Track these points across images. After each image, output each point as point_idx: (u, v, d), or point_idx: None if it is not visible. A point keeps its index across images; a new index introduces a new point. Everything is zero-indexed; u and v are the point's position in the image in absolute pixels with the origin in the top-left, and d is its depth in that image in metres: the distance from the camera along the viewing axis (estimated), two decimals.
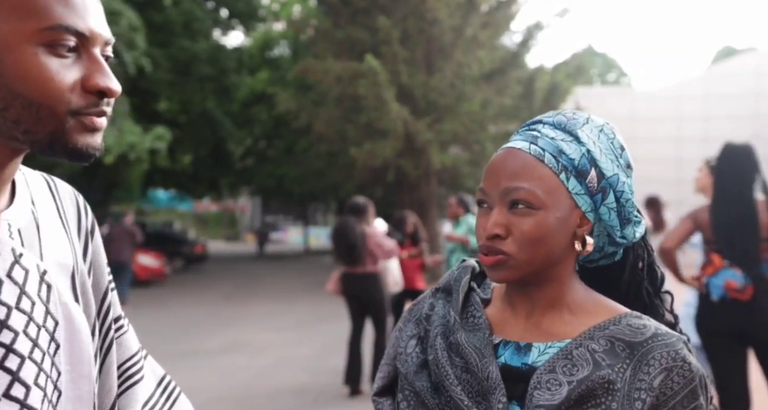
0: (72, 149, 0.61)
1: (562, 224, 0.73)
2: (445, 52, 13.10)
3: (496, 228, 0.73)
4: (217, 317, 9.08)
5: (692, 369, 0.71)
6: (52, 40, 0.59)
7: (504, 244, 0.73)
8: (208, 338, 7.39)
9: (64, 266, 0.69)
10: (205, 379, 5.37)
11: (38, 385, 0.62)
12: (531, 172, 0.73)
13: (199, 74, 15.64)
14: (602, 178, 0.75)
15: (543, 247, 0.73)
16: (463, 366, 0.75)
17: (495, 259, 0.73)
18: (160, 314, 9.37)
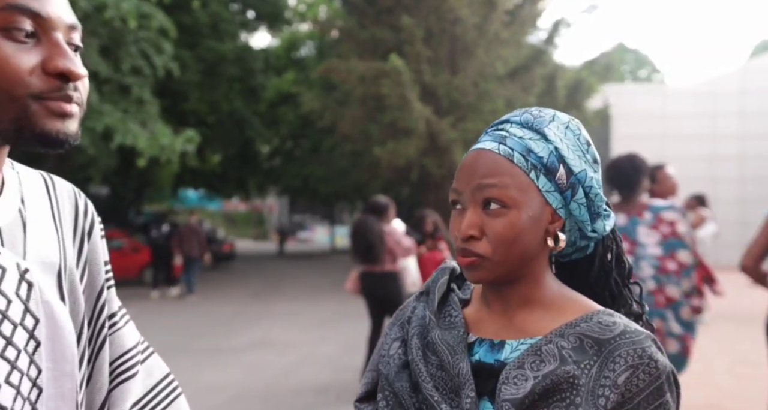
0: (40, 134, 0.58)
1: (534, 222, 0.75)
2: (468, 50, 13.02)
3: (470, 229, 0.74)
4: (244, 314, 9.24)
5: (659, 366, 0.72)
6: (6, 23, 0.57)
7: (478, 246, 0.74)
8: (235, 335, 7.53)
9: (49, 264, 0.68)
10: (231, 375, 5.49)
11: (10, 383, 0.62)
12: (502, 171, 0.74)
13: (227, 75, 15.89)
14: (571, 175, 0.76)
15: (517, 247, 0.74)
16: (438, 364, 0.76)
17: (470, 260, 0.75)
18: (189, 311, 9.58)
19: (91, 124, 10.60)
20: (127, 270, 12.69)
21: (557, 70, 13.31)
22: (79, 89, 0.62)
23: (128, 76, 11.52)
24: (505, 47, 13.05)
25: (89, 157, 12.31)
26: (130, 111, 11.51)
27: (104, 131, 10.92)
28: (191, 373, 5.46)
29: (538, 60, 13.29)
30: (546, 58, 13.78)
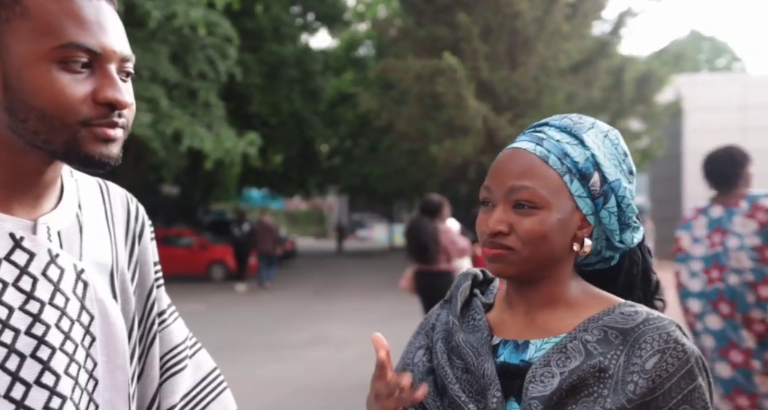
0: (85, 158, 0.64)
1: (562, 225, 0.75)
2: (528, 45, 12.75)
3: (499, 225, 0.75)
4: (305, 311, 9.47)
5: (686, 350, 0.71)
6: (65, 57, 0.63)
7: (506, 240, 0.75)
8: (297, 331, 7.73)
9: (103, 266, 0.73)
10: (292, 371, 5.65)
11: (69, 374, 0.67)
12: (536, 172, 0.75)
13: (287, 77, 16.30)
14: (605, 182, 0.76)
15: (545, 245, 0.74)
16: (463, 366, 0.77)
17: (497, 252, 0.75)
18: (252, 308, 9.91)
19: (162, 128, 11.17)
20: (195, 267, 13.27)
21: (624, 62, 12.80)
22: (125, 115, 0.67)
23: (195, 80, 12.04)
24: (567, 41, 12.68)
25: (161, 159, 12.97)
26: (197, 114, 12.03)
27: (174, 134, 11.47)
28: (253, 368, 5.66)
29: (602, 52, 12.84)
30: (611, 50, 13.29)
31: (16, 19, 0.63)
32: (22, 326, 0.64)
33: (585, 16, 12.83)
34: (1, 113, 0.64)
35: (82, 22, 0.64)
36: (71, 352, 0.68)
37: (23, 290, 0.65)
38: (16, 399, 0.63)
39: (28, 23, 0.63)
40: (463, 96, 11.21)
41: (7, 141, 0.65)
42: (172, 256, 12.99)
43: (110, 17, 0.67)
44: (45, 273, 0.67)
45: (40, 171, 0.67)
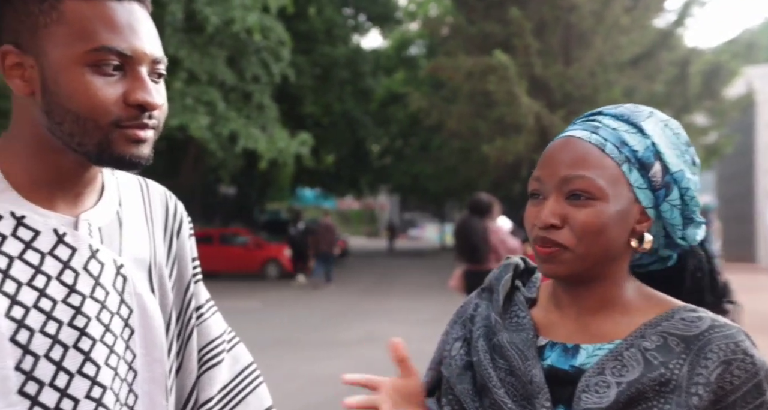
0: (117, 158, 0.67)
1: (621, 218, 0.69)
2: (585, 39, 12.39)
3: (552, 217, 0.69)
4: (356, 309, 9.55)
5: (755, 361, 0.66)
6: (97, 60, 0.65)
7: (560, 235, 0.69)
8: (347, 329, 7.81)
9: (141, 261, 0.76)
10: (342, 368, 5.71)
11: (109, 365, 0.69)
12: (592, 161, 0.69)
13: (339, 78, 16.49)
14: (666, 173, 0.71)
15: (601, 240, 0.68)
16: (507, 368, 0.73)
17: (550, 251, 0.69)
18: (304, 306, 10.08)
19: (219, 130, 11.54)
20: (250, 265, 13.63)
21: (690, 54, 12.22)
22: (155, 116, 0.69)
23: (250, 83, 12.37)
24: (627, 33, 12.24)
25: (218, 160, 13.40)
26: (251, 116, 12.36)
27: (230, 136, 11.82)
28: (304, 365, 5.76)
29: (664, 44, 12.31)
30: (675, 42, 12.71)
31: (53, 24, 0.65)
32: (65, 318, 0.67)
33: (647, 7, 12.34)
34: (40, 116, 0.67)
35: (113, 25, 0.66)
36: (111, 344, 0.70)
37: (66, 283, 0.68)
38: (60, 387, 0.66)
39: (64, 28, 0.65)
40: (515, 93, 11.02)
41: (47, 142, 0.68)
42: (229, 255, 13.39)
43: (142, 20, 0.69)
44: (86, 267, 0.69)
45: (80, 170, 0.70)
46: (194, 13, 10.93)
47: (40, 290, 0.66)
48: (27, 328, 0.65)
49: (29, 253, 0.66)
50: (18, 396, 0.63)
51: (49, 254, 0.68)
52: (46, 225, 0.68)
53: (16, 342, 0.64)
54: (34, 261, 0.67)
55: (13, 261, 0.65)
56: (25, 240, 0.67)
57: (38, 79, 0.66)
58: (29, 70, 0.66)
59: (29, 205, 0.68)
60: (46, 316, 0.66)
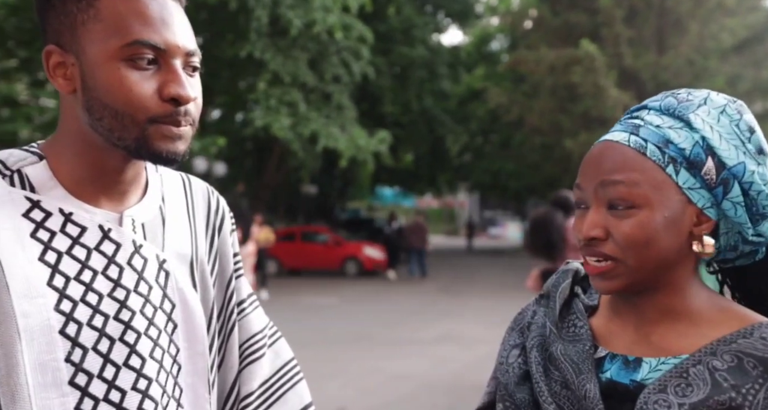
0: (154, 154, 0.68)
1: (672, 224, 0.64)
2: (681, 25, 11.61)
3: (593, 229, 0.65)
4: (433, 308, 9.50)
5: None
6: (132, 55, 0.66)
7: (606, 246, 0.65)
8: (423, 328, 7.78)
9: (183, 256, 0.77)
10: (417, 367, 5.69)
11: (153, 358, 0.71)
12: (631, 166, 0.64)
13: (417, 78, 16.51)
14: (723, 169, 0.64)
15: (650, 252, 0.64)
16: (561, 380, 0.69)
17: (601, 269, 0.65)
18: (382, 303, 10.16)
19: (300, 130, 11.89)
20: (330, 263, 13.93)
21: None
22: (190, 112, 0.69)
23: (330, 84, 12.65)
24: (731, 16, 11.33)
25: (300, 160, 13.82)
26: (331, 116, 12.62)
27: (311, 136, 12.15)
28: (380, 362, 5.79)
29: None
30: None
31: (90, 22, 0.67)
32: (111, 311, 0.69)
33: None
34: (82, 113, 0.68)
35: (146, 19, 0.67)
36: (155, 337, 0.71)
37: (111, 278, 0.70)
38: (108, 379, 0.67)
39: (100, 25, 0.66)
40: (602, 85, 10.52)
41: (91, 139, 0.69)
42: (309, 252, 13.77)
43: (175, 13, 0.69)
44: (130, 262, 0.71)
45: (123, 167, 0.72)
46: (278, 17, 11.32)
47: (87, 284, 0.68)
48: (75, 321, 0.67)
49: (77, 249, 0.69)
50: (69, 387, 0.65)
51: (95, 249, 0.69)
52: (92, 221, 0.70)
53: (66, 335, 0.66)
54: (81, 257, 0.69)
55: (62, 256, 0.68)
56: (73, 236, 0.69)
57: (78, 76, 0.68)
58: (71, 68, 0.68)
59: (77, 201, 0.70)
60: (93, 310, 0.68)
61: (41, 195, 0.68)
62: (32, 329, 0.64)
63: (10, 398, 0.63)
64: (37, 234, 0.67)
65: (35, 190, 0.68)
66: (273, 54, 11.56)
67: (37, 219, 0.67)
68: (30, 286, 0.65)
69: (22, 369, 0.63)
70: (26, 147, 0.72)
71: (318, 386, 5.46)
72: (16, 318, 0.63)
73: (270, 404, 0.84)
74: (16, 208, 0.66)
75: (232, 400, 0.83)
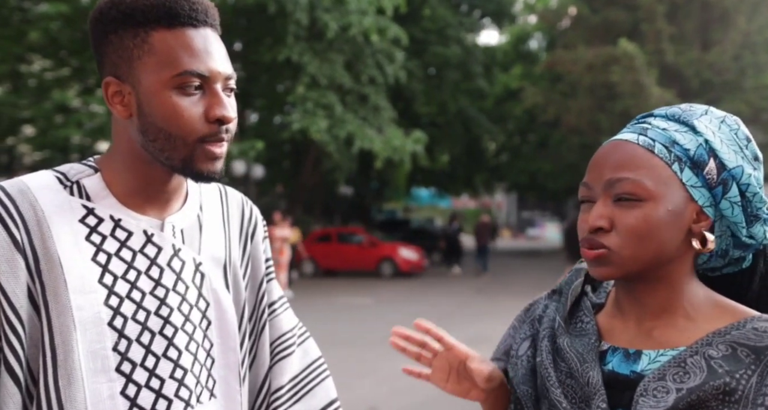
0: (196, 173, 0.77)
1: (674, 218, 0.67)
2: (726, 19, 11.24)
3: (599, 220, 0.68)
4: (468, 309, 9.48)
5: None
6: (182, 83, 0.74)
7: (607, 238, 0.68)
8: (457, 329, 7.78)
9: (218, 260, 0.85)
10: None
11: (189, 351, 0.78)
12: (639, 163, 0.68)
13: (451, 78, 16.46)
14: (723, 170, 0.69)
15: (651, 243, 0.67)
16: (567, 371, 0.73)
17: (596, 253, 0.68)
18: (417, 304, 10.20)
19: (336, 132, 12.04)
20: (366, 264, 14.03)
21: None
22: (231, 130, 0.78)
23: (366, 86, 12.75)
24: None
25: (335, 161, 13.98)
26: (367, 118, 12.73)
27: (346, 138, 12.28)
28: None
29: None
30: None
31: (145, 55, 0.75)
32: (152, 307, 0.77)
33: None
34: (136, 134, 0.77)
35: (193, 51, 0.75)
36: (191, 332, 0.80)
37: (153, 278, 0.78)
38: (149, 368, 0.76)
39: (154, 58, 0.75)
40: (643, 83, 10.29)
41: (141, 156, 0.79)
42: (345, 253, 13.90)
43: (215, 43, 0.78)
44: (169, 264, 0.80)
45: (166, 180, 0.81)
46: (315, 20, 11.50)
47: (132, 283, 0.77)
48: (122, 315, 0.75)
49: (124, 251, 0.77)
50: (116, 373, 0.74)
51: (139, 252, 0.78)
52: (137, 227, 0.79)
53: (113, 327, 0.75)
54: (128, 258, 0.77)
55: (111, 257, 0.77)
56: (121, 239, 0.78)
57: (134, 104, 0.76)
58: (127, 96, 0.77)
59: (125, 209, 0.79)
60: (137, 306, 0.76)
61: (95, 203, 0.77)
62: (85, 320, 0.73)
63: (66, 380, 0.71)
64: (90, 238, 0.76)
65: (90, 199, 0.77)
66: (310, 57, 11.74)
67: (91, 224, 0.76)
68: (84, 283, 0.73)
69: (76, 356, 0.72)
70: (84, 161, 0.82)
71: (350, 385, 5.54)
72: (72, 310, 0.72)
73: (299, 398, 0.91)
74: (74, 215, 0.76)
75: (264, 393, 0.91)
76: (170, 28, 0.75)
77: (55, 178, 0.77)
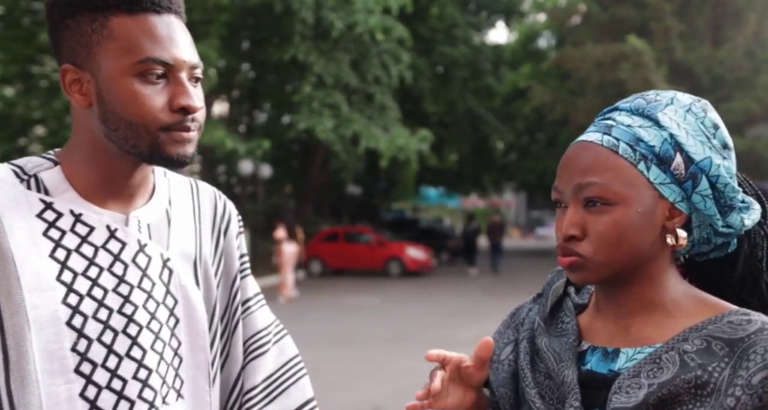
0: (166, 158, 0.74)
1: (645, 219, 0.67)
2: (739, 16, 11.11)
3: (571, 228, 0.68)
4: (475, 309, 9.43)
5: None
6: (144, 70, 0.71)
7: (580, 246, 0.68)
8: (464, 328, 7.74)
9: (187, 256, 0.82)
10: None
11: (154, 350, 0.75)
12: (604, 165, 0.67)
13: (459, 77, 16.42)
14: (691, 163, 0.67)
15: (624, 247, 0.67)
16: (545, 371, 0.73)
17: (570, 261, 0.69)
18: (424, 303, 10.16)
19: (342, 131, 12.03)
20: (373, 263, 14.03)
21: None
22: (197, 118, 0.75)
23: (371, 85, 12.74)
24: None
25: (343, 161, 13.98)
26: (373, 117, 12.71)
27: (352, 137, 12.27)
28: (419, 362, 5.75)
29: None
30: None
31: (104, 41, 0.72)
32: (115, 305, 0.74)
33: None
34: (97, 124, 0.74)
35: (156, 38, 0.72)
36: (157, 331, 0.77)
37: (116, 274, 0.75)
38: (111, 368, 0.73)
39: (113, 44, 0.72)
40: (651, 81, 10.18)
41: (103, 147, 0.76)
42: (352, 252, 13.90)
43: (179, 30, 0.75)
44: (134, 260, 0.76)
45: (131, 172, 0.77)
46: (320, 19, 11.51)
47: (93, 280, 0.74)
48: (81, 314, 0.72)
49: (85, 247, 0.74)
50: (75, 374, 0.71)
51: (102, 248, 0.75)
52: (100, 221, 0.76)
53: (72, 326, 0.72)
54: (89, 254, 0.74)
55: (71, 253, 0.74)
56: (82, 235, 0.75)
57: (94, 92, 0.73)
58: (86, 84, 0.74)
59: (87, 204, 0.76)
60: (98, 304, 0.74)
61: (54, 197, 0.74)
62: (41, 320, 0.70)
63: (20, 383, 0.68)
64: (48, 233, 0.72)
65: (49, 193, 0.74)
66: (316, 57, 11.75)
67: (49, 219, 0.73)
68: (40, 281, 0.71)
69: (31, 357, 0.69)
70: (44, 154, 0.79)
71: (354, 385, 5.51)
72: (27, 309, 0.69)
73: (273, 398, 0.88)
74: (31, 209, 0.73)
75: (236, 393, 0.87)
76: (131, 14, 0.72)
77: (11, 171, 0.75)
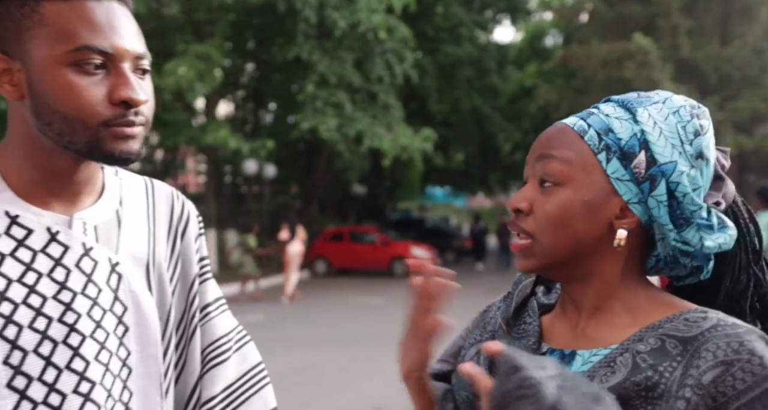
0: (107, 155, 0.68)
1: (591, 209, 0.64)
2: (748, 13, 10.99)
3: (519, 202, 0.67)
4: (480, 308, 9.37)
5: (765, 363, 0.57)
6: (79, 60, 0.66)
7: (526, 221, 0.67)
8: None
9: (139, 259, 0.76)
10: None
11: (99, 361, 0.70)
12: (567, 145, 0.66)
13: (464, 76, 16.35)
14: (653, 164, 0.64)
15: (566, 231, 0.65)
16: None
17: (521, 245, 0.67)
18: None
19: (346, 131, 11.99)
20: (378, 263, 13.97)
21: None
22: (142, 112, 0.69)
23: (375, 84, 12.69)
24: None
25: (347, 160, 13.95)
26: (377, 116, 12.67)
27: (356, 136, 12.23)
28: None
29: None
30: None
31: (35, 27, 0.66)
32: (55, 314, 0.69)
33: None
34: (30, 117, 0.68)
35: (93, 24, 0.67)
36: (102, 340, 0.71)
37: (57, 280, 0.70)
38: (49, 382, 0.68)
39: (45, 30, 0.66)
40: (656, 79, 10.08)
41: (39, 142, 0.69)
42: (357, 252, 13.85)
43: (122, 17, 0.69)
44: (78, 264, 0.71)
45: (73, 169, 0.71)
46: (324, 18, 11.48)
47: (30, 287, 0.68)
48: (15, 324, 0.67)
49: (21, 251, 0.69)
50: (6, 389, 0.66)
51: (41, 252, 0.70)
52: (39, 223, 0.70)
53: (4, 338, 0.66)
54: (26, 259, 0.69)
55: (5, 258, 0.68)
56: (18, 238, 0.69)
57: (25, 82, 0.68)
58: (17, 74, 0.68)
59: (24, 204, 0.70)
60: (36, 312, 0.68)
61: None
62: None
63: None
64: None
65: None
66: (320, 56, 11.72)
67: None
68: None
69: None
70: None
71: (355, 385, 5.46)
72: None
73: (233, 408, 0.83)
74: None
75: (192, 405, 0.82)
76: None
77: None
